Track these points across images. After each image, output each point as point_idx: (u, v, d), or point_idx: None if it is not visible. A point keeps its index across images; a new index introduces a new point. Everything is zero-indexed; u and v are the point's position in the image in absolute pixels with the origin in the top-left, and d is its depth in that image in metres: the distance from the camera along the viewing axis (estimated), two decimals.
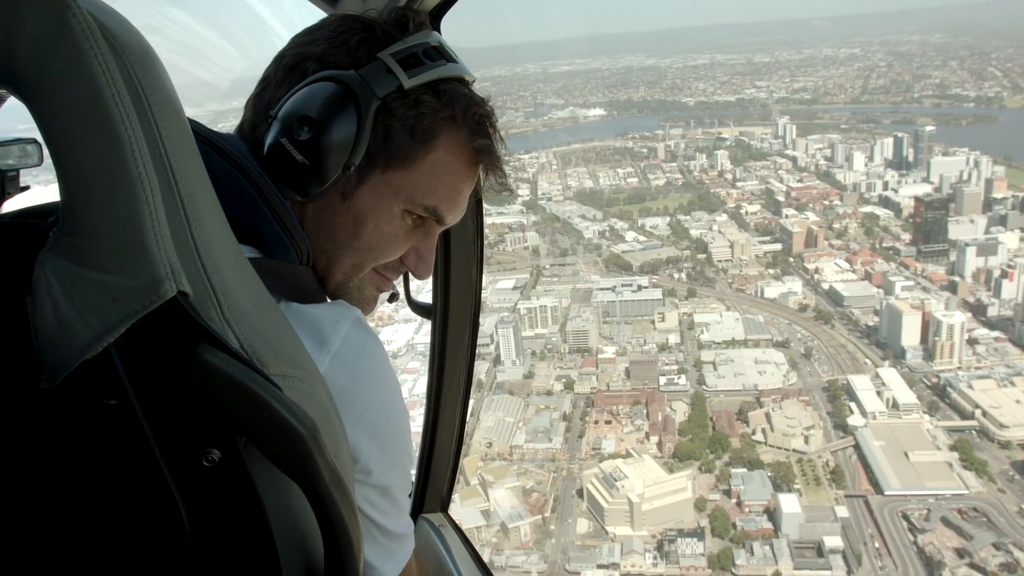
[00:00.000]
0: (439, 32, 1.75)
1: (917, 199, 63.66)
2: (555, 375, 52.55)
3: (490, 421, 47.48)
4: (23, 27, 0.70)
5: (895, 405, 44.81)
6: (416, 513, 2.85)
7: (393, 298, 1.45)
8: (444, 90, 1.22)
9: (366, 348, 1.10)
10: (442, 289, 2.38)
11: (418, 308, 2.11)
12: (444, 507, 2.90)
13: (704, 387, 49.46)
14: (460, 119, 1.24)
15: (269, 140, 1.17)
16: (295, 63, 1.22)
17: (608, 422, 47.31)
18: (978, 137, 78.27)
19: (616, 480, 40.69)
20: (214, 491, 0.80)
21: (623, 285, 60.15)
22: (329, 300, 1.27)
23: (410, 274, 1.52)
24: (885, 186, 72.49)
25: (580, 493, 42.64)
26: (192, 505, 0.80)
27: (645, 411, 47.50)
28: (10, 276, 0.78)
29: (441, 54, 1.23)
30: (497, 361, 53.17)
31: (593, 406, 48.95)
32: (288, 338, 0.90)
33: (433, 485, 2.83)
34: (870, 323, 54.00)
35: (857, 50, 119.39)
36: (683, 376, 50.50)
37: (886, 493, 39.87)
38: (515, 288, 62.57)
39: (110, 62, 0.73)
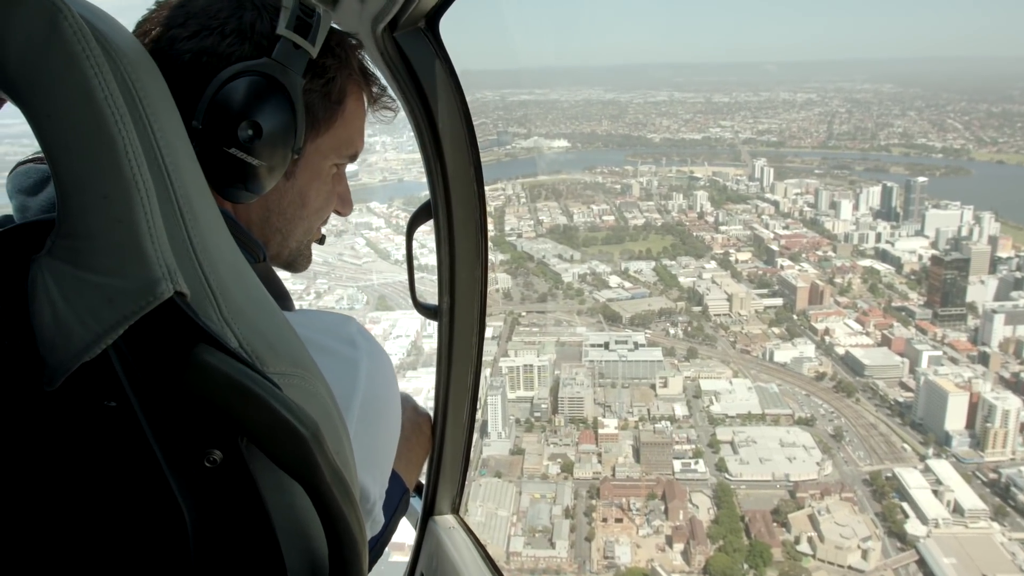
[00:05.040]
0: (437, 35, 1.87)
1: (934, 258, 55.98)
2: (548, 452, 42.36)
3: (480, 514, 36.94)
4: (15, 31, 0.69)
5: (958, 509, 36.26)
6: (427, 515, 2.77)
7: (322, 240, 1.41)
8: (335, 44, 1.22)
9: (381, 348, 1.16)
10: (447, 290, 2.29)
11: (424, 309, 2.28)
12: (455, 509, 2.78)
13: (727, 475, 40.01)
14: (355, 68, 1.26)
15: (208, 150, 1.07)
16: (185, 62, 1.11)
17: (619, 520, 37.30)
18: (959, 189, 72.45)
19: None
20: (216, 492, 0.78)
21: (617, 342, 50.45)
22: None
23: (413, 274, 1.98)
24: (879, 238, 65.13)
25: None
26: (195, 506, 0.78)
27: (663, 506, 37.81)
28: (9, 281, 0.76)
29: (307, 5, 1.14)
30: (484, 432, 42.74)
31: (599, 497, 38.91)
32: (287, 336, 0.88)
33: (444, 487, 2.71)
34: (899, 398, 45.66)
35: (814, 95, 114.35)
36: (700, 460, 41.03)
37: None
38: (492, 338, 52.23)
39: (103, 64, 0.71)
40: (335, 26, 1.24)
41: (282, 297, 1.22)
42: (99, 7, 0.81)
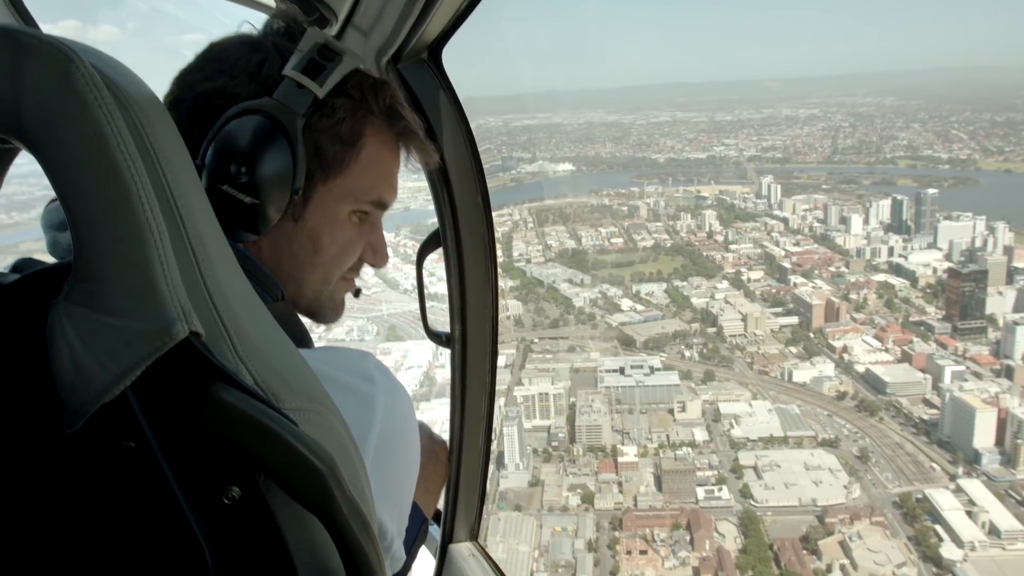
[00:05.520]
0: (440, 65, 1.94)
1: (951, 271, 54.92)
2: (567, 483, 41.27)
3: (501, 550, 35.80)
4: (30, 83, 0.71)
5: (994, 530, 34.98)
6: (446, 543, 2.74)
7: (357, 293, 1.41)
8: (352, 86, 1.21)
9: (399, 384, 1.16)
10: (459, 316, 2.30)
11: (436, 337, 2.32)
12: (474, 536, 2.77)
13: (752, 502, 38.82)
14: (376, 110, 1.24)
15: (208, 188, 1.10)
16: (198, 104, 1.16)
17: (644, 552, 36.11)
18: (968, 200, 71.51)
19: None
20: (236, 528, 0.79)
21: (633, 367, 49.45)
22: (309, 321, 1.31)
23: (424, 303, 1.89)
24: (891, 252, 64.14)
25: None
26: (214, 543, 0.79)
27: (688, 536, 36.63)
28: (29, 326, 0.77)
29: (332, 49, 1.18)
30: (500, 464, 41.71)
31: (622, 528, 37.76)
32: (301, 372, 0.89)
33: (462, 514, 2.68)
34: (924, 416, 44.44)
35: (816, 111, 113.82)
36: (724, 487, 39.87)
37: None
38: (505, 366, 51.31)
39: (114, 112, 0.73)
40: (362, 69, 1.22)
41: (300, 336, 1.22)
42: (110, 55, 0.82)
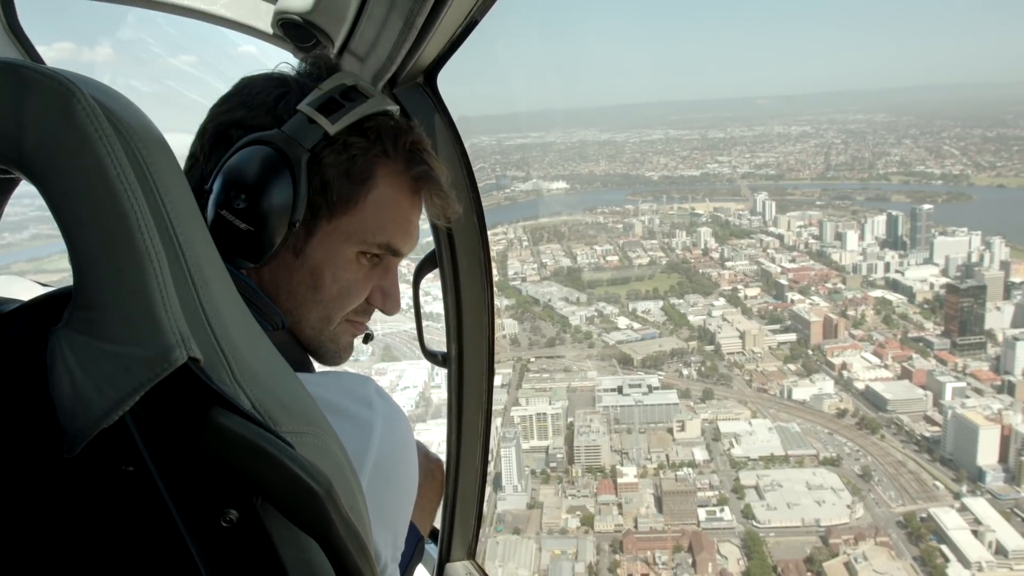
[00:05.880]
0: (436, 89, 2.00)
1: (949, 286, 54.52)
2: (566, 504, 40.46)
3: (500, 575, 34.96)
4: (31, 115, 0.72)
5: (1001, 550, 34.30)
6: (443, 562, 2.75)
7: (368, 339, 1.38)
8: (370, 127, 1.19)
9: (399, 409, 1.16)
10: (455, 336, 2.33)
11: (433, 357, 2.33)
12: (471, 554, 2.78)
13: (755, 522, 38.09)
14: (392, 152, 1.21)
15: (209, 215, 1.13)
16: (218, 133, 1.18)
17: (645, 575, 35.43)
18: (962, 215, 71.34)
19: None
20: (233, 551, 0.80)
21: (631, 386, 48.82)
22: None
23: (421, 323, 1.80)
24: (887, 267, 63.75)
25: None
26: (212, 566, 0.80)
27: (690, 559, 35.82)
28: (29, 353, 0.79)
29: (360, 91, 1.19)
30: (498, 486, 40.89)
31: (622, 551, 36.96)
32: (299, 395, 0.90)
33: (459, 533, 2.70)
34: (926, 433, 43.86)
35: (808, 127, 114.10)
36: (726, 508, 39.12)
37: None
38: (501, 386, 50.55)
39: (114, 143, 0.74)
40: (390, 109, 1.22)
41: (302, 365, 1.23)
42: (110, 87, 0.83)
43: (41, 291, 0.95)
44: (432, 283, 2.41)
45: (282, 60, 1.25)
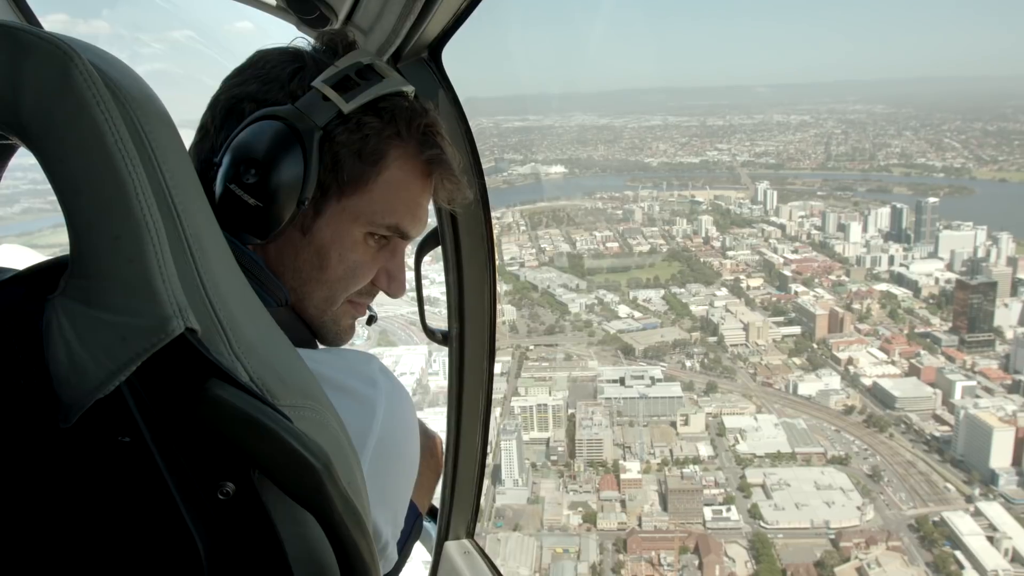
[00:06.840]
0: (440, 65, 1.96)
1: (959, 282, 53.01)
2: (568, 500, 38.91)
3: None
4: (29, 79, 0.71)
5: (1017, 558, 33.01)
6: (442, 540, 2.74)
7: (371, 320, 1.37)
8: (384, 107, 1.17)
9: (402, 388, 1.15)
10: (457, 316, 2.30)
11: (433, 335, 2.26)
12: (470, 533, 2.76)
13: (762, 523, 36.68)
14: (406, 133, 1.19)
15: (218, 188, 1.11)
16: (231, 106, 1.16)
17: None
18: (964, 209, 69.89)
19: None
20: (230, 524, 0.79)
21: (634, 377, 47.22)
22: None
23: (422, 301, 1.78)
24: (891, 261, 62.22)
25: None
26: (208, 538, 0.79)
27: (697, 560, 34.39)
28: (25, 322, 0.78)
29: (376, 71, 1.17)
30: (497, 479, 39.29)
31: (626, 551, 35.49)
32: (297, 369, 0.89)
33: (458, 511, 2.68)
34: (936, 433, 42.50)
35: (807, 117, 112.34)
36: (732, 507, 37.68)
37: None
38: (500, 374, 48.79)
39: (112, 109, 0.73)
40: (406, 90, 1.19)
41: (306, 343, 1.21)
42: (110, 53, 0.81)
43: (39, 260, 0.93)
44: (430, 267, 2.30)
45: (280, 35, 1.21)
